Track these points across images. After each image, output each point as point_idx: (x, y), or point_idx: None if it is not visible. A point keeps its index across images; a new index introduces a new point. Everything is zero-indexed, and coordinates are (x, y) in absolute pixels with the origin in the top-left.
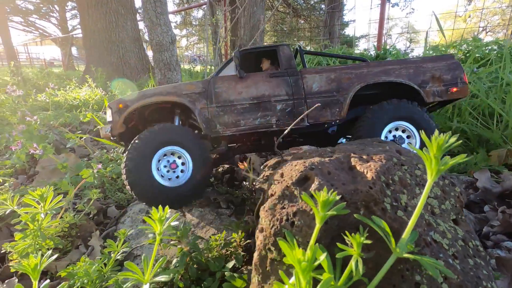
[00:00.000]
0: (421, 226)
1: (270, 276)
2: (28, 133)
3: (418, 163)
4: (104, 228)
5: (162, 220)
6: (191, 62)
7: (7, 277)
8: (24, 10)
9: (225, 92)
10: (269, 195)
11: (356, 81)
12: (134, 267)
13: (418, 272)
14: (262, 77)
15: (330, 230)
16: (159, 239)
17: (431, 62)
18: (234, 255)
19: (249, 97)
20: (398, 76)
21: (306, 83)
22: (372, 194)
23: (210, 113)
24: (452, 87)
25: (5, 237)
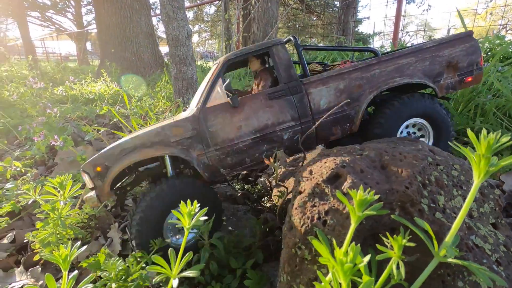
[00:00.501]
0: (462, 230)
1: (300, 275)
2: (48, 125)
3: (454, 163)
4: (121, 221)
5: (191, 214)
6: (203, 58)
7: (31, 265)
8: (41, 5)
9: (221, 131)
10: (298, 192)
11: (368, 89)
12: (162, 261)
13: (461, 278)
14: (261, 102)
15: (362, 231)
16: (187, 233)
17: (448, 47)
18: (254, 252)
19: (250, 131)
20: (413, 74)
21: (312, 100)
22: (409, 195)
23: (210, 159)
24: (467, 77)
25: (27, 226)
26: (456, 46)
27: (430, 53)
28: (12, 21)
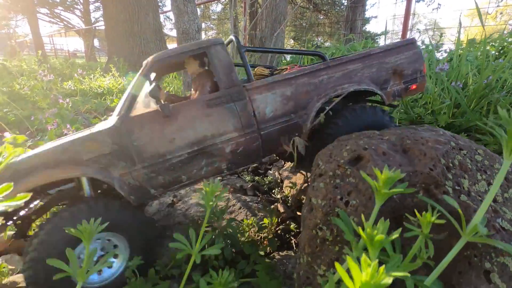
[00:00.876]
0: (488, 213)
1: (321, 256)
2: (60, 115)
3: (477, 148)
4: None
5: (213, 192)
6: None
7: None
8: (50, 2)
9: (150, 144)
10: (318, 175)
11: (316, 96)
12: (182, 238)
13: (488, 259)
14: (198, 110)
15: (384, 212)
16: (209, 211)
17: (394, 54)
18: (267, 240)
19: (186, 144)
20: (361, 80)
21: (257, 107)
22: (433, 176)
23: (137, 178)
24: (412, 84)
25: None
26: (401, 53)
27: (377, 59)
28: (22, 17)
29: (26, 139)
